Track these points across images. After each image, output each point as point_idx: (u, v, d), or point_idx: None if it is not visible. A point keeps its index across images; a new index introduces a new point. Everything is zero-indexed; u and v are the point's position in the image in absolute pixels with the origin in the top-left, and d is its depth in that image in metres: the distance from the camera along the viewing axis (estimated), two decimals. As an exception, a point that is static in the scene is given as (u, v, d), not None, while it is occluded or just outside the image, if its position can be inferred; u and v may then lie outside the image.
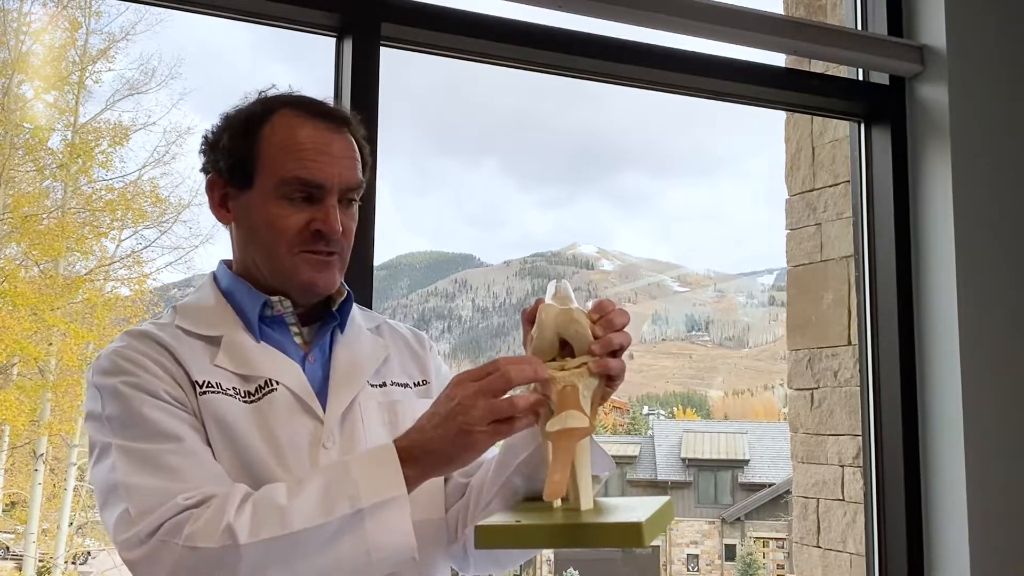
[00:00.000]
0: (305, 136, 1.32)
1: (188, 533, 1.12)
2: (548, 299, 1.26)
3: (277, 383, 1.30)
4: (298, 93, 1.39)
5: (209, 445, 1.24)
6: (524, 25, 2.38)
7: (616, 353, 1.22)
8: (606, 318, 1.22)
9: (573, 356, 1.23)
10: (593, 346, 1.20)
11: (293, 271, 1.33)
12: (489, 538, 1.16)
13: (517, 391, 1.18)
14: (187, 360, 1.28)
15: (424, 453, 1.17)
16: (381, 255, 2.18)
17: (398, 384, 1.42)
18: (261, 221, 1.33)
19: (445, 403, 1.18)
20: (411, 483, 1.17)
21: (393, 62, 2.26)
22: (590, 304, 1.25)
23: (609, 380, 1.23)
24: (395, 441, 1.20)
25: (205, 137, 1.39)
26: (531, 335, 1.24)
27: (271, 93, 1.39)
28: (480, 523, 1.17)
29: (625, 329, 1.24)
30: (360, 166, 1.37)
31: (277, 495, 1.15)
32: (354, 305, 1.46)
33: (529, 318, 1.26)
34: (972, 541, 2.54)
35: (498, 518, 1.20)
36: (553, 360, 1.23)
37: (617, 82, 2.60)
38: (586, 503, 1.20)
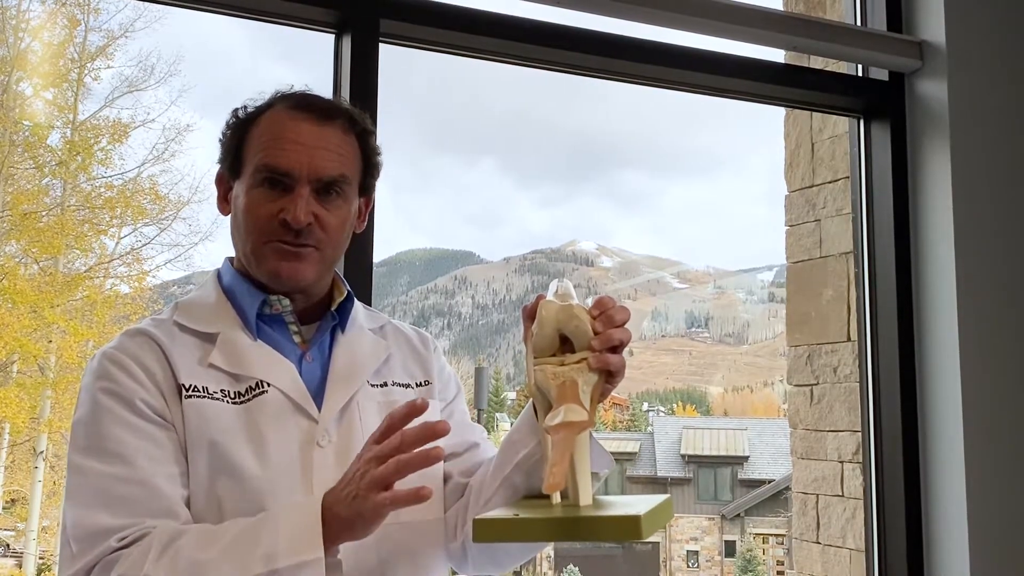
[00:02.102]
0: (282, 126, 1.33)
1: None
2: (549, 296, 1.26)
3: (268, 385, 1.29)
4: (303, 91, 1.39)
5: (185, 451, 1.25)
6: (523, 21, 2.38)
7: (616, 349, 1.22)
8: (606, 314, 1.22)
9: (573, 352, 1.23)
10: (593, 342, 1.20)
11: (263, 259, 1.33)
12: (487, 531, 1.16)
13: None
14: (177, 360, 1.28)
15: (332, 517, 1.15)
16: (380, 252, 2.17)
17: (399, 384, 1.42)
18: (241, 209, 1.34)
19: (352, 465, 1.17)
20: (327, 545, 1.15)
21: (390, 61, 2.26)
22: (590, 301, 1.26)
23: (609, 376, 1.23)
24: (324, 496, 1.18)
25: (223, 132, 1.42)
26: (531, 331, 1.24)
27: (284, 92, 1.39)
28: (478, 516, 1.17)
29: (625, 326, 1.24)
30: (345, 158, 1.36)
31: (196, 548, 1.15)
32: (358, 305, 1.45)
33: (529, 314, 1.26)
34: (972, 537, 2.54)
35: (497, 512, 1.20)
36: (553, 356, 1.24)
37: (616, 78, 2.60)
38: (585, 499, 1.20)
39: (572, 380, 1.20)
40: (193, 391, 1.26)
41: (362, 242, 2.11)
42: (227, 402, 1.27)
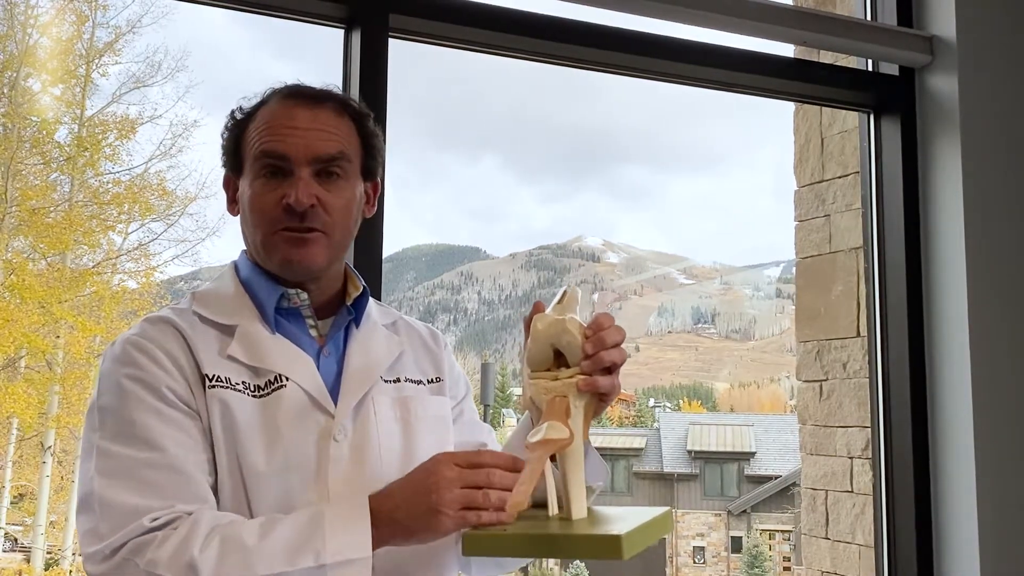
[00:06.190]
0: (275, 114, 1.34)
1: (150, 558, 1.13)
2: (552, 304, 1.25)
3: (287, 379, 1.29)
4: (296, 83, 1.40)
5: (211, 439, 1.25)
6: (532, 16, 2.37)
7: (609, 370, 1.20)
8: (598, 336, 1.19)
9: (568, 366, 1.22)
10: (583, 364, 1.19)
11: (273, 249, 1.33)
12: (475, 546, 1.16)
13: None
14: (200, 350, 1.28)
15: (388, 521, 1.17)
16: (386, 248, 2.17)
17: (411, 380, 1.42)
18: (246, 203, 1.35)
19: (423, 478, 1.18)
20: (373, 545, 1.17)
21: (391, 57, 2.25)
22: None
23: (602, 396, 1.21)
24: (370, 498, 1.19)
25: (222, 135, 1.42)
26: (527, 344, 1.23)
27: (277, 87, 1.40)
28: (466, 531, 1.16)
29: (621, 346, 1.22)
30: (341, 137, 1.35)
31: (246, 534, 1.15)
32: (371, 300, 1.45)
33: (528, 324, 1.24)
34: (981, 532, 2.54)
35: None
36: (548, 370, 1.22)
37: (625, 72, 2.59)
38: (578, 512, 1.20)
39: (563, 396, 1.19)
40: (216, 381, 1.26)
41: (372, 236, 2.11)
42: (248, 394, 1.28)
